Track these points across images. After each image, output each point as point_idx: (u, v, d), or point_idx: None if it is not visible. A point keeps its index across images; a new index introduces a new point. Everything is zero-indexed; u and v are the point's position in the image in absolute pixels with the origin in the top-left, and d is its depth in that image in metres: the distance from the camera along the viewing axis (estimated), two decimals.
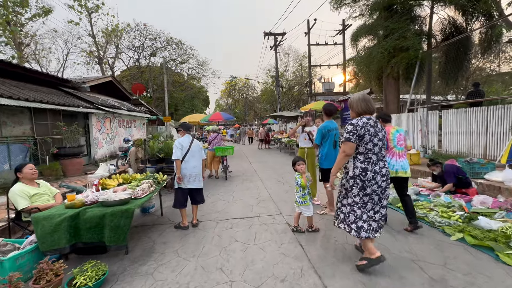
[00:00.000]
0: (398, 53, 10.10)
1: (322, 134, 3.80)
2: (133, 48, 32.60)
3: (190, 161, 3.71)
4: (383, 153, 2.43)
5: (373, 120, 2.40)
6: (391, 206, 4.22)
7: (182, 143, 3.70)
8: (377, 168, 2.33)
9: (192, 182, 3.73)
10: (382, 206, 2.43)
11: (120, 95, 15.22)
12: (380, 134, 2.37)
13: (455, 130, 7.24)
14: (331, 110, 3.97)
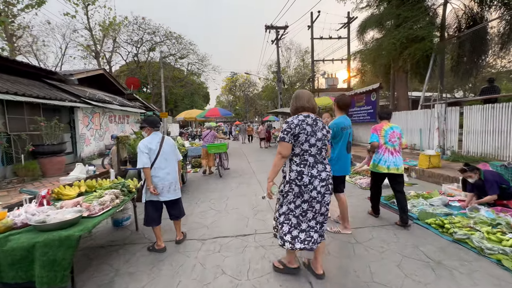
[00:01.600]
0: (411, 44, 9.24)
1: (334, 132, 3.01)
2: (131, 42, 31.78)
3: (162, 167, 2.90)
4: (323, 155, 2.20)
5: (312, 118, 2.15)
6: (418, 222, 3.43)
7: (149, 145, 2.88)
8: (314, 172, 2.09)
9: (165, 193, 2.93)
10: (321, 214, 2.18)
11: (113, 89, 14.42)
12: (319, 133, 2.12)
13: (480, 129, 6.41)
14: (346, 103, 3.17)
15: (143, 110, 15.47)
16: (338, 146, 3.07)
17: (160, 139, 2.98)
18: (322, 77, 22.22)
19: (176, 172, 3.04)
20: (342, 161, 3.07)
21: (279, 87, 23.38)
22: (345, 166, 3.11)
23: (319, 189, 2.10)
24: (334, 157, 3.06)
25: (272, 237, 3.16)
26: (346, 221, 3.16)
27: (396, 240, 2.95)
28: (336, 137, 3.03)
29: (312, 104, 2.20)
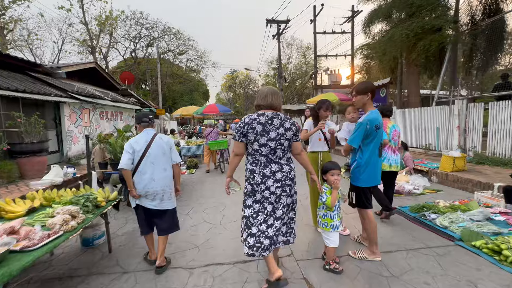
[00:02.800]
0: (425, 35, 8.51)
1: (365, 131, 2.30)
2: (129, 37, 31.05)
3: (147, 171, 2.43)
4: (279, 154, 2.05)
5: (268, 116, 2.03)
6: (466, 247, 2.75)
7: (134, 145, 2.44)
8: (267, 171, 2.02)
9: (150, 201, 2.46)
10: (277, 218, 2.08)
11: (107, 84, 13.69)
12: (273, 133, 2.00)
13: (509, 127, 5.70)
14: (374, 89, 2.45)
15: (138, 107, 14.74)
16: (369, 149, 2.37)
17: (150, 139, 2.49)
18: (326, 74, 21.43)
19: (165, 179, 2.51)
20: (371, 167, 2.38)
21: (280, 84, 22.63)
22: (375, 174, 2.43)
23: (273, 190, 2.01)
24: (362, 163, 2.37)
25: (280, 264, 2.47)
26: (374, 245, 2.46)
27: (443, 272, 2.26)
28: (368, 137, 2.33)
29: (268, 101, 2.06)
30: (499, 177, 4.78)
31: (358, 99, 2.41)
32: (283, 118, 2.06)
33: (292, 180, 2.10)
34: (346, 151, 2.48)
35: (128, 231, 3.38)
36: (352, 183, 2.50)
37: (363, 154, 2.38)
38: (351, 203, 2.53)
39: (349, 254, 2.57)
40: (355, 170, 2.43)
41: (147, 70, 32.90)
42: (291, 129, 2.04)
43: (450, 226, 3.02)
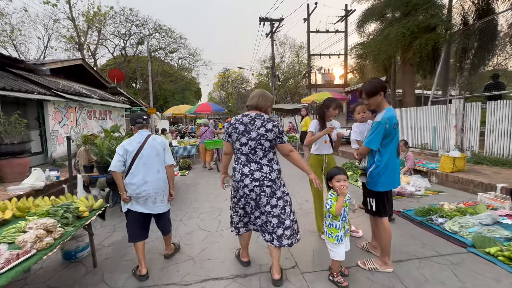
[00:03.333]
0: (421, 34, 8.46)
1: (385, 131, 2.09)
2: (118, 34, 30.25)
3: (138, 174, 2.33)
4: (259, 154, 2.06)
5: (251, 117, 2.09)
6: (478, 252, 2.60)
7: (127, 146, 2.36)
8: (246, 170, 2.07)
9: (142, 204, 2.37)
10: (256, 217, 2.19)
11: (95, 82, 13.18)
12: (253, 132, 2.03)
13: (507, 127, 5.66)
14: (385, 86, 2.22)
15: (128, 106, 14.27)
16: (389, 150, 2.16)
17: (143, 140, 2.41)
18: (319, 73, 21.38)
19: (158, 181, 2.42)
20: (391, 169, 2.18)
21: (273, 82, 22.45)
22: (394, 176, 2.22)
23: (251, 188, 2.06)
24: (381, 166, 2.16)
25: (285, 278, 2.26)
26: (387, 256, 2.27)
27: (461, 284, 2.10)
28: (387, 137, 2.12)
29: (254, 102, 2.15)
30: (499, 177, 4.71)
31: (372, 101, 2.20)
32: (266, 119, 2.08)
33: (273, 181, 2.08)
34: (362, 154, 2.26)
35: (116, 241, 3.09)
36: (370, 188, 2.27)
37: (381, 156, 2.17)
38: (370, 210, 2.30)
39: (358, 264, 2.38)
40: (373, 174, 2.20)
41: (137, 68, 32.16)
42: (273, 130, 2.05)
43: (460, 231, 2.87)
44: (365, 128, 2.46)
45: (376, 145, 2.12)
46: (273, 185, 2.08)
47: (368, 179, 2.26)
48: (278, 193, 2.12)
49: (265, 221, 2.13)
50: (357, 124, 2.59)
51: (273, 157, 2.15)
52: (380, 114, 2.15)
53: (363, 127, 2.53)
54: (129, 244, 2.87)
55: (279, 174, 2.16)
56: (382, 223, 2.24)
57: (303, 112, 7.93)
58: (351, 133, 2.59)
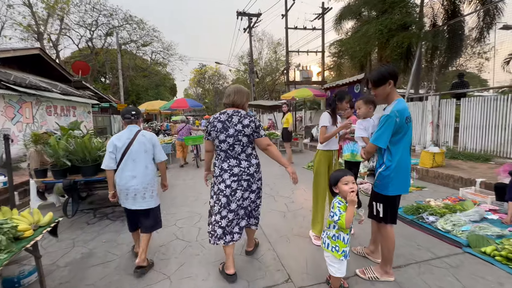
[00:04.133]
0: (397, 32, 8.61)
1: (395, 126, 1.83)
2: (84, 25, 27.99)
3: (127, 169, 2.34)
4: (237, 150, 2.11)
5: (228, 114, 2.12)
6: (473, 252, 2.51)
7: (116, 142, 2.34)
8: (225, 165, 2.13)
9: (131, 200, 2.36)
10: (231, 210, 2.13)
11: (56, 75, 11.92)
12: (231, 129, 2.07)
13: (479, 123, 5.88)
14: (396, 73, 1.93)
15: (96, 101, 13.14)
16: (400, 148, 1.90)
17: (132, 135, 2.38)
18: (298, 70, 21.42)
19: (147, 177, 2.39)
20: (404, 171, 1.93)
21: (252, 79, 22.11)
22: (407, 179, 1.97)
23: (229, 183, 2.11)
24: (392, 166, 1.90)
25: None
26: (388, 264, 2.07)
27: None
28: (398, 133, 1.87)
29: (230, 100, 2.17)
30: (477, 172, 4.83)
31: (379, 91, 1.92)
32: (243, 115, 2.11)
33: (251, 175, 2.16)
34: (370, 153, 1.99)
35: (75, 259, 2.60)
36: (378, 192, 1.99)
37: (392, 155, 1.90)
38: (376, 216, 2.04)
39: (356, 273, 2.15)
40: (383, 175, 1.94)
41: (106, 61, 30.10)
42: (249, 125, 2.09)
43: (453, 230, 2.79)
44: (369, 124, 2.24)
45: (385, 142, 1.85)
46: (251, 179, 2.17)
47: (377, 181, 2.00)
48: (253, 186, 2.21)
49: (232, 219, 2.15)
50: (360, 121, 2.38)
51: (251, 152, 2.20)
52: (389, 106, 1.91)
53: (366, 123, 2.30)
54: (91, 263, 2.44)
55: (258, 168, 2.23)
56: (387, 230, 2.01)
57: (284, 109, 7.71)
58: (355, 130, 2.35)
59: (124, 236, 3.07)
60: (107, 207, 4.13)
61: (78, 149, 3.21)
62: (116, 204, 4.13)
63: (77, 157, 3.29)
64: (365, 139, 2.21)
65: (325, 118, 2.72)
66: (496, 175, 4.05)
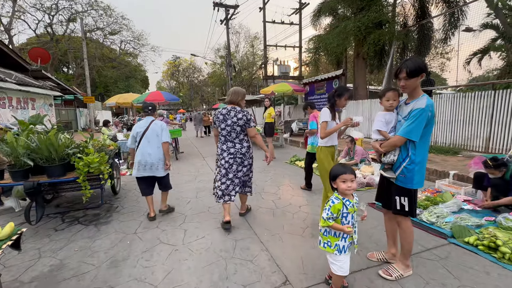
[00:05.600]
0: (373, 29, 8.88)
1: (427, 120, 1.81)
2: (42, 8, 25.40)
3: (143, 148, 3.22)
4: (233, 136, 2.91)
5: (227, 109, 2.91)
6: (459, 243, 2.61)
7: (137, 129, 3.28)
8: (224, 147, 2.95)
9: (148, 170, 3.23)
10: (228, 179, 2.97)
11: (9, 62, 10.66)
12: (229, 121, 2.86)
13: (448, 119, 6.26)
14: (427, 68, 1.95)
15: (58, 93, 11.99)
16: (425, 142, 1.91)
17: (148, 123, 3.26)
18: (276, 64, 21.40)
19: (159, 154, 3.24)
20: (425, 164, 1.97)
21: (229, 72, 21.69)
22: (424, 173, 2.00)
23: (227, 159, 2.93)
24: (416, 160, 1.89)
25: None
26: (409, 258, 2.09)
27: (459, 282, 2.00)
28: (426, 126, 1.84)
29: (229, 99, 2.98)
30: (448, 164, 5.13)
31: (411, 83, 1.83)
32: (238, 110, 2.89)
33: (243, 154, 2.96)
34: (394, 146, 1.94)
35: (43, 273, 2.27)
36: (402, 186, 1.97)
37: (416, 149, 1.88)
38: (401, 210, 2.00)
39: (380, 275, 2.08)
40: (409, 169, 1.91)
41: (69, 50, 27.67)
42: (242, 118, 2.86)
43: (437, 222, 2.89)
44: (393, 117, 2.06)
45: (418, 135, 1.82)
46: (243, 157, 2.97)
47: (401, 175, 1.95)
48: (245, 162, 3.01)
49: (229, 184, 2.96)
50: (384, 113, 2.10)
51: (243, 138, 2.97)
52: (419, 100, 1.84)
53: (390, 116, 2.06)
54: (63, 277, 2.15)
55: (248, 149, 3.02)
56: (408, 224, 2.03)
57: (266, 103, 7.60)
58: (375, 122, 2.18)
59: (100, 242, 2.77)
60: (77, 210, 3.73)
61: (42, 146, 2.80)
62: (87, 207, 3.79)
63: (41, 156, 2.88)
64: (383, 133, 2.06)
65: (325, 113, 2.73)
66: (467, 167, 4.33)
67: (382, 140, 2.06)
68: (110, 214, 3.56)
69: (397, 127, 2.02)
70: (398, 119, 2.03)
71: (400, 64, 1.88)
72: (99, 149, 3.48)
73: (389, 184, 2.09)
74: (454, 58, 20.22)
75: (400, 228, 2.07)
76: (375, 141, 2.11)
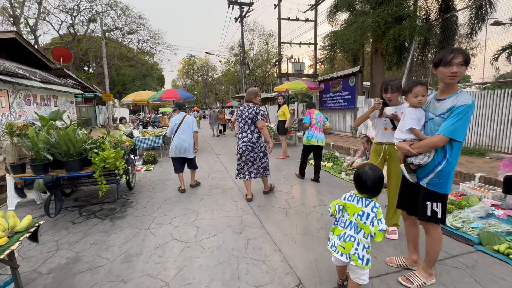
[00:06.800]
0: (393, 24, 8.51)
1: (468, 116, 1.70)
2: (65, 9, 26.44)
3: (179, 135, 4.26)
4: (246, 127, 3.65)
5: (244, 106, 3.71)
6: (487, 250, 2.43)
7: (175, 121, 4.35)
8: (240, 136, 3.70)
9: (182, 152, 4.26)
10: (242, 161, 3.72)
11: (34, 61, 11.15)
12: (244, 115, 3.64)
13: (474, 117, 5.89)
14: None
15: (79, 90, 12.44)
16: (461, 143, 1.76)
17: (182, 117, 4.36)
18: (290, 62, 21.14)
19: (189, 140, 4.28)
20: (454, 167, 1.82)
21: (243, 70, 21.67)
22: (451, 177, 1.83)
23: (241, 147, 3.66)
24: (453, 162, 1.76)
25: None
26: (433, 266, 1.96)
27: None
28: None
29: (246, 98, 3.74)
30: (474, 166, 4.83)
31: (462, 71, 1.68)
32: (252, 107, 3.61)
33: (253, 143, 3.62)
34: (434, 147, 1.75)
35: (60, 265, 2.32)
36: (436, 191, 1.80)
37: (453, 150, 1.73)
38: (433, 217, 1.83)
39: (400, 282, 1.96)
40: (445, 172, 1.76)
41: (89, 49, 28.67)
42: (251, 112, 3.58)
43: (462, 227, 2.71)
44: (422, 114, 1.88)
45: (463, 135, 1.67)
46: (253, 145, 3.63)
47: (435, 178, 1.79)
48: (256, 150, 3.66)
49: (243, 165, 3.73)
50: (413, 110, 1.89)
51: (254, 129, 3.66)
52: (461, 96, 1.68)
53: (420, 113, 1.87)
54: (78, 269, 2.18)
55: (258, 139, 3.67)
56: (438, 231, 1.87)
57: (280, 101, 7.49)
58: (405, 119, 2.02)
59: (114, 236, 2.81)
60: (94, 204, 3.83)
61: (61, 141, 2.88)
62: (103, 201, 3.88)
63: (60, 151, 2.96)
64: (416, 132, 1.83)
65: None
66: (496, 170, 4.04)
67: (412, 140, 1.88)
68: (125, 209, 3.61)
69: (429, 125, 1.84)
70: (428, 116, 1.85)
71: (453, 50, 1.68)
72: (115, 145, 3.54)
73: (415, 188, 1.92)
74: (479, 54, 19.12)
75: (429, 235, 1.90)
76: (402, 141, 1.92)
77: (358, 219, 1.64)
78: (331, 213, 1.81)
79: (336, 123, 11.12)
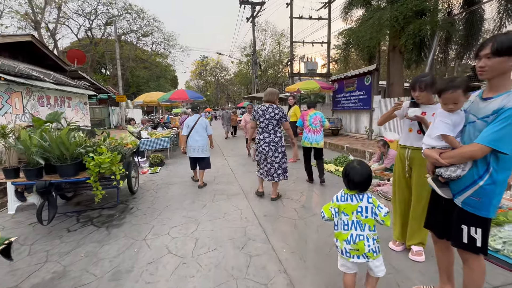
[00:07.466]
0: (412, 19, 7.96)
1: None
2: (83, 13, 27.26)
3: (193, 136, 4.58)
4: (269, 128, 3.66)
5: (266, 106, 3.68)
6: None
7: (189, 122, 4.63)
8: (261, 137, 3.71)
9: (196, 152, 4.58)
10: (267, 163, 3.73)
11: (49, 64, 11.40)
12: (267, 115, 3.63)
13: None
14: None
15: (93, 92, 12.62)
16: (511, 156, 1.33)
17: (196, 119, 4.65)
18: (302, 61, 20.70)
19: (203, 141, 4.61)
20: (505, 185, 1.41)
21: (255, 70, 21.43)
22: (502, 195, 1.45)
23: (263, 147, 3.70)
24: (500, 179, 1.37)
25: None
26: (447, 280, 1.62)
27: None
28: None
29: (266, 99, 3.75)
30: None
31: (495, 64, 1.31)
32: (275, 107, 3.67)
33: (276, 143, 3.67)
34: (472, 158, 1.39)
35: (44, 280, 2.13)
36: (474, 213, 1.44)
37: (500, 162, 1.35)
38: (471, 245, 1.47)
39: None
40: (486, 190, 1.39)
41: (106, 52, 29.42)
42: (278, 114, 3.64)
43: (503, 249, 2.29)
44: (460, 118, 1.51)
45: (511, 146, 1.28)
46: (276, 145, 3.66)
47: (473, 197, 1.43)
48: (279, 149, 3.69)
49: (270, 168, 3.71)
50: (448, 114, 1.53)
51: (277, 129, 3.69)
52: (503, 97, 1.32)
53: (457, 117, 1.51)
54: (63, 286, 1.97)
55: (281, 139, 3.71)
56: (481, 263, 1.50)
57: (290, 101, 7.16)
58: (436, 123, 1.55)
59: (107, 248, 2.61)
60: (94, 209, 3.67)
61: (53, 145, 2.72)
62: (103, 207, 3.71)
63: (54, 155, 2.80)
64: (450, 139, 1.49)
65: None
66: None
67: (443, 147, 1.53)
68: (124, 216, 3.42)
69: (467, 130, 1.48)
70: (469, 119, 1.48)
71: (488, 39, 1.34)
72: (113, 148, 3.35)
73: (448, 205, 1.57)
74: None
75: (467, 266, 1.54)
76: (431, 148, 1.58)
77: (359, 216, 1.61)
78: (327, 217, 1.72)
79: (351, 124, 10.62)
